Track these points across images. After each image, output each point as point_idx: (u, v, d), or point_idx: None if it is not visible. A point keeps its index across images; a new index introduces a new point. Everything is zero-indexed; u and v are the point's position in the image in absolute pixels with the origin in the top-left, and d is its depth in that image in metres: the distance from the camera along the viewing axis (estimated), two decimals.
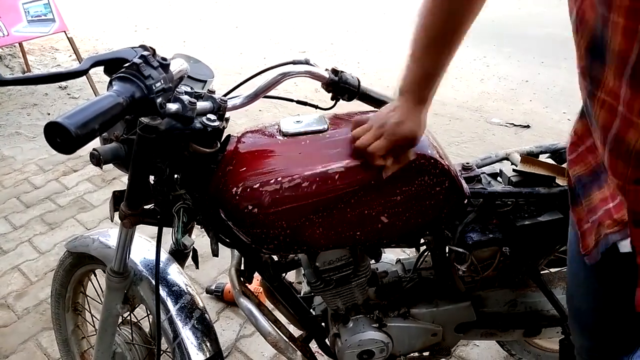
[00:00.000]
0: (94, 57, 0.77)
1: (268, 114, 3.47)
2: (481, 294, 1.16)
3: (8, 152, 3.14)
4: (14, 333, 1.85)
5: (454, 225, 1.03)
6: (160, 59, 0.73)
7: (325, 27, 5.54)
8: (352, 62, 4.48)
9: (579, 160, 0.74)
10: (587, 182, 0.73)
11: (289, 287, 1.14)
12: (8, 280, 2.11)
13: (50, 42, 4.97)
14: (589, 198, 0.72)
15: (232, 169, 0.92)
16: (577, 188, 0.75)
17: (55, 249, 2.27)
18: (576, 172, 0.75)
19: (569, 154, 0.78)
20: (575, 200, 0.77)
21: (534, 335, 1.23)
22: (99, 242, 1.18)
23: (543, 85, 3.84)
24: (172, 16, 6.22)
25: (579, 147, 0.75)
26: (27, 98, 3.91)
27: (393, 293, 1.15)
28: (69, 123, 0.57)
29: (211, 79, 0.99)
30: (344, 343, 1.09)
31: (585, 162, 0.73)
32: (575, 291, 0.86)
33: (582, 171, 0.74)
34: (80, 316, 1.47)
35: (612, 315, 0.79)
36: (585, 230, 0.73)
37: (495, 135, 3.21)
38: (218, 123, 0.87)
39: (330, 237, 0.93)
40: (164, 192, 0.95)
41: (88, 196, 2.65)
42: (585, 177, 0.73)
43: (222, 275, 2.07)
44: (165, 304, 1.07)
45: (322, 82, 1.04)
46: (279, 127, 0.98)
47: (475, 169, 1.08)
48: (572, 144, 0.76)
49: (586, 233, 0.73)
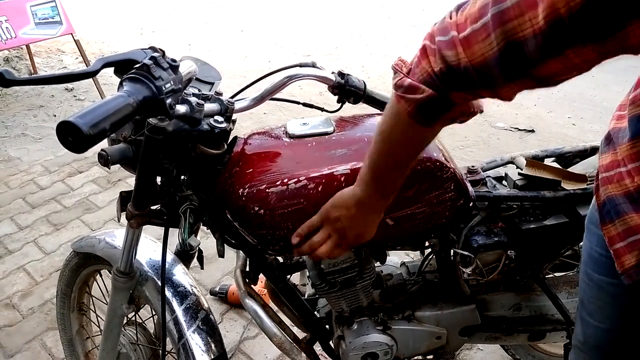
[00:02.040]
0: (104, 59, 0.78)
1: (273, 117, 3.48)
2: (486, 297, 1.16)
3: (14, 153, 3.16)
4: (19, 333, 1.86)
5: (459, 228, 1.03)
6: (170, 61, 0.74)
7: (330, 31, 5.56)
8: (357, 66, 4.49)
9: (615, 180, 0.72)
10: (621, 202, 0.71)
11: (293, 289, 1.14)
12: (13, 280, 2.12)
13: (57, 45, 5.01)
14: (623, 219, 0.70)
15: (239, 170, 0.92)
16: (609, 206, 0.73)
17: (60, 249, 2.28)
18: (609, 191, 0.73)
19: (603, 170, 0.75)
20: (605, 219, 0.74)
21: (539, 339, 1.23)
22: (105, 243, 1.19)
23: (547, 90, 3.83)
24: (177, 19, 6.26)
25: (617, 168, 0.72)
26: (33, 100, 3.93)
27: (398, 296, 1.15)
28: (81, 122, 0.57)
29: (218, 81, 1.00)
30: (348, 345, 1.09)
31: (621, 184, 0.71)
32: (598, 309, 0.81)
33: (616, 191, 0.72)
34: (85, 316, 1.47)
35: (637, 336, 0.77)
36: (619, 249, 0.71)
37: (500, 139, 3.21)
38: (225, 125, 0.87)
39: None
40: (171, 192, 0.96)
41: (93, 197, 2.67)
42: (620, 198, 0.71)
43: (226, 277, 2.07)
44: (171, 304, 1.07)
45: (329, 85, 1.04)
46: (286, 129, 0.99)
47: (480, 173, 1.08)
48: (612, 163, 0.73)
49: (620, 252, 0.71)
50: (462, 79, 0.61)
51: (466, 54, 0.59)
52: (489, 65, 0.58)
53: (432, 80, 0.64)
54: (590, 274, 0.80)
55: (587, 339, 0.85)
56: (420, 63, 0.65)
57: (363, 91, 1.05)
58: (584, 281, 0.83)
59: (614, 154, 0.73)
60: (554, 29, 0.50)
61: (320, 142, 0.95)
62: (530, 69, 0.56)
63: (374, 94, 1.08)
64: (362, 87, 1.05)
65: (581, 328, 0.86)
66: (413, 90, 0.66)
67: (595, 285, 0.80)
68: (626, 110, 0.70)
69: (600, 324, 0.81)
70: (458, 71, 0.60)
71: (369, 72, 4.31)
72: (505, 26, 0.54)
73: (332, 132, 0.96)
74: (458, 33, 0.59)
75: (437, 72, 0.62)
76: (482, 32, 0.56)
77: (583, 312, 0.85)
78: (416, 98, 0.66)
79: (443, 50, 0.61)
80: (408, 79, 0.67)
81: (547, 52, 0.53)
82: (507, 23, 0.54)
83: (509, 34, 0.54)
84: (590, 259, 0.80)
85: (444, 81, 0.63)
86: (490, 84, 0.60)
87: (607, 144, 0.76)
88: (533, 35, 0.52)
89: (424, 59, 0.64)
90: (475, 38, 0.57)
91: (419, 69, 0.65)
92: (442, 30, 0.62)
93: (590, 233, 0.80)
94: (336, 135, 0.96)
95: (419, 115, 0.68)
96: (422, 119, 0.68)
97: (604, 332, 0.81)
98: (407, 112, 0.68)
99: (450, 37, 0.60)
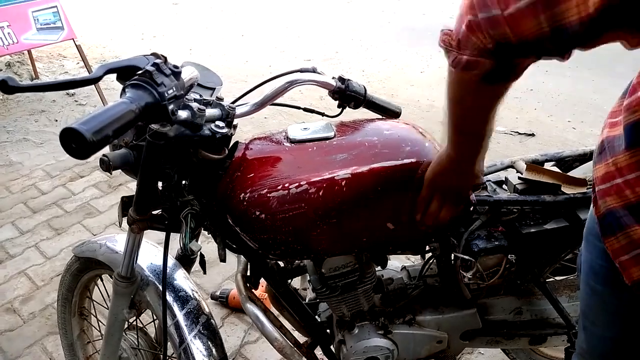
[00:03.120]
0: (107, 65, 0.79)
1: (273, 121, 3.48)
2: (486, 301, 1.16)
3: (16, 158, 3.17)
4: (20, 337, 1.86)
5: (460, 232, 1.03)
6: (172, 67, 0.74)
7: (330, 35, 5.57)
8: (357, 71, 4.50)
9: (613, 192, 0.69)
10: (622, 215, 0.68)
11: (294, 293, 1.15)
12: (14, 284, 2.12)
13: (58, 50, 5.02)
14: (626, 232, 0.68)
15: (240, 175, 0.93)
16: (609, 219, 0.71)
17: (61, 254, 2.28)
18: (608, 204, 0.70)
19: (600, 182, 0.72)
20: (607, 231, 0.72)
21: (540, 343, 1.22)
22: (106, 247, 1.19)
23: (548, 93, 3.84)
24: (178, 24, 6.28)
25: (615, 179, 0.69)
26: (35, 104, 3.94)
27: (398, 300, 1.15)
28: (84, 129, 0.58)
29: (219, 86, 1.01)
30: (349, 350, 1.09)
31: (620, 196, 0.68)
32: (602, 319, 0.80)
33: (616, 204, 0.69)
34: (86, 321, 1.48)
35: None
36: (625, 261, 0.70)
37: (500, 143, 3.21)
38: (226, 130, 0.88)
39: (336, 243, 0.94)
40: (172, 197, 0.96)
41: (94, 202, 2.67)
42: (620, 211, 0.68)
43: (227, 282, 2.07)
44: (172, 309, 1.07)
45: (329, 90, 1.05)
46: (286, 134, 0.99)
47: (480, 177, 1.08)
48: (608, 174, 0.70)
49: (626, 264, 0.69)
50: (518, 50, 0.60)
51: (514, 32, 0.58)
52: (540, 41, 0.57)
53: (488, 54, 0.63)
54: (593, 286, 0.79)
55: (591, 348, 0.84)
56: (469, 38, 0.63)
57: (363, 96, 1.06)
58: (586, 292, 0.81)
59: (607, 165, 0.71)
60: (604, 15, 0.51)
61: (321, 147, 0.95)
62: (584, 44, 0.57)
63: (375, 99, 1.09)
64: (363, 92, 1.06)
65: (584, 337, 0.85)
66: (474, 66, 0.65)
67: (598, 297, 0.79)
68: (620, 117, 0.68)
69: (605, 333, 0.80)
70: (511, 45, 0.60)
71: (370, 77, 4.32)
72: (553, 10, 0.54)
73: (333, 137, 0.97)
74: (501, 11, 0.57)
75: (490, 47, 0.62)
76: (528, 12, 0.55)
77: (586, 321, 0.84)
78: (478, 72, 0.66)
79: (489, 29, 0.60)
80: (464, 55, 0.65)
81: (598, 32, 0.54)
82: (555, 7, 0.53)
83: (557, 18, 0.54)
84: (591, 271, 0.79)
85: (501, 54, 0.62)
86: (548, 52, 0.60)
87: (599, 153, 0.74)
88: (579, 22, 0.52)
89: (473, 34, 0.62)
90: (522, 17, 0.56)
91: (470, 44, 0.64)
92: (483, 4, 0.59)
93: (590, 245, 0.78)
94: (337, 140, 0.96)
95: (488, 80, 0.67)
96: (492, 81, 0.68)
97: (610, 341, 0.80)
98: (476, 78, 0.67)
99: (493, 14, 0.58)
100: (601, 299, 0.79)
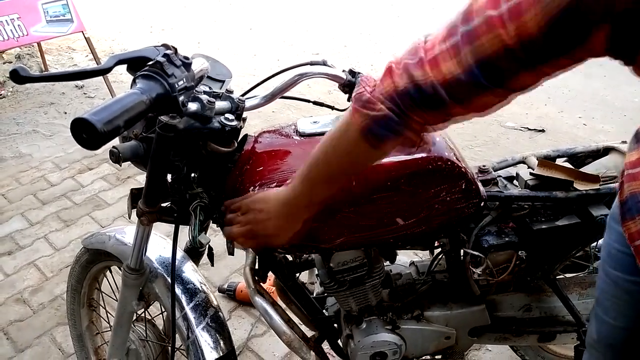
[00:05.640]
0: (117, 56, 0.78)
1: (282, 115, 3.48)
2: (496, 297, 1.15)
3: (25, 150, 3.20)
4: (29, 327, 1.88)
5: (470, 228, 1.02)
6: (182, 58, 0.74)
7: (339, 29, 5.55)
8: (366, 65, 4.48)
9: (639, 177, 0.70)
10: None
11: (302, 287, 1.14)
12: (24, 275, 2.14)
13: (68, 42, 5.04)
14: None
15: (249, 168, 0.92)
16: (630, 203, 0.72)
17: (70, 245, 2.30)
18: (632, 188, 0.71)
19: (629, 166, 0.74)
20: (626, 215, 0.73)
21: (549, 340, 1.22)
22: (115, 239, 1.20)
23: (558, 89, 3.80)
24: (187, 18, 6.28)
25: None
26: (44, 97, 3.97)
27: (407, 295, 1.14)
28: (95, 120, 0.58)
29: (229, 78, 1.00)
30: (357, 344, 1.09)
31: None
32: (614, 307, 0.81)
33: (639, 188, 0.70)
34: (95, 312, 1.49)
35: None
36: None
37: (510, 139, 3.19)
38: (236, 123, 0.87)
39: (345, 237, 0.93)
40: (181, 190, 0.96)
41: (103, 194, 2.69)
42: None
43: (235, 275, 2.08)
44: (180, 301, 1.08)
45: (339, 83, 1.04)
46: (296, 128, 0.99)
47: (491, 172, 1.07)
48: (638, 160, 0.72)
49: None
50: (430, 97, 0.63)
51: (433, 72, 0.62)
52: (458, 82, 0.60)
53: (393, 98, 0.66)
54: (608, 271, 0.80)
55: (601, 337, 0.85)
56: (384, 81, 0.67)
57: None
58: (601, 278, 0.82)
59: (639, 151, 0.72)
60: (526, 47, 0.54)
61: None
62: (503, 82, 0.59)
63: None
64: None
65: (595, 326, 0.86)
66: (370, 105, 0.68)
67: (612, 282, 0.79)
68: None
69: (616, 322, 0.80)
70: (425, 89, 0.63)
71: (378, 71, 4.28)
72: (474, 44, 0.57)
73: None
74: (426, 54, 0.62)
75: (400, 89, 0.65)
76: (451, 51, 0.59)
77: (598, 309, 0.84)
78: (371, 114, 0.68)
79: (410, 70, 0.64)
80: (368, 93, 0.68)
81: (520, 68, 0.57)
82: (475, 41, 0.57)
83: (478, 50, 0.57)
84: (608, 256, 0.80)
85: (405, 100, 0.65)
86: (459, 100, 0.63)
87: (636, 141, 0.74)
88: (504, 53, 0.55)
89: (388, 78, 0.67)
90: (443, 57, 0.60)
91: (381, 87, 0.67)
92: (411, 53, 0.65)
93: (610, 229, 0.80)
94: None
95: (369, 133, 0.69)
96: (370, 137, 0.70)
97: (619, 330, 0.81)
98: (359, 126, 0.69)
99: (418, 58, 0.63)
100: (614, 284, 0.79)
